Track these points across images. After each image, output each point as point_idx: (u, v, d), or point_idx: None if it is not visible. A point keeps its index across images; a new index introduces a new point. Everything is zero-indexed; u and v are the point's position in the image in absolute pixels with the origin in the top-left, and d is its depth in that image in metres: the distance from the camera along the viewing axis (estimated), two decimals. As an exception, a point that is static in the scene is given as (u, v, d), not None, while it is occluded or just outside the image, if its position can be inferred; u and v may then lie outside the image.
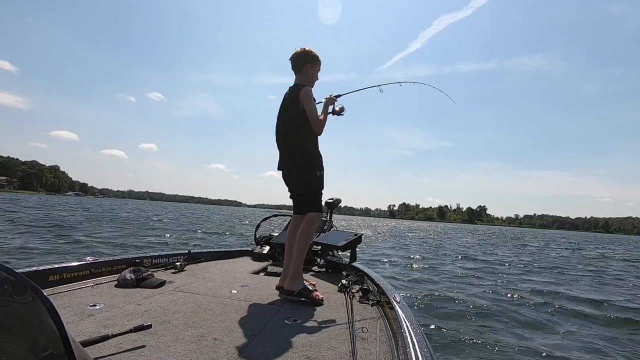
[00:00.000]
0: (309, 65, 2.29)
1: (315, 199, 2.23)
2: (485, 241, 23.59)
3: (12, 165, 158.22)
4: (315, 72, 2.34)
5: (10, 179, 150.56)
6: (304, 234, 2.15)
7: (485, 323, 4.05)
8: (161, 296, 1.98)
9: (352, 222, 49.14)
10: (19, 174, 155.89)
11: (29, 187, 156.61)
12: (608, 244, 36.58)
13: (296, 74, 2.32)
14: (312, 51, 2.30)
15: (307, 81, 2.31)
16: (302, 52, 2.28)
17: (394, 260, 9.45)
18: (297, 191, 2.30)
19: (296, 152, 2.22)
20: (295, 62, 2.30)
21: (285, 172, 2.31)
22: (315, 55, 2.31)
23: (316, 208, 2.21)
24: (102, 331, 1.40)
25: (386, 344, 1.45)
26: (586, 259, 14.70)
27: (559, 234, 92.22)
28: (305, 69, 2.28)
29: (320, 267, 3.19)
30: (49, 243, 7.95)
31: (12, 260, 5.68)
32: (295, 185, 2.29)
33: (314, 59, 2.31)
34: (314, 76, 2.34)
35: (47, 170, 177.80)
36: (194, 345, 1.33)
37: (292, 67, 2.32)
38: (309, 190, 2.22)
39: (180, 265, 2.69)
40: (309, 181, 2.20)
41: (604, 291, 6.86)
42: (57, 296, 1.81)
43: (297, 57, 2.28)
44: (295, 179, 2.27)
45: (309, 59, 2.29)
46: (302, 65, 2.28)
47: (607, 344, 3.68)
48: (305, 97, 2.16)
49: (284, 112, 2.26)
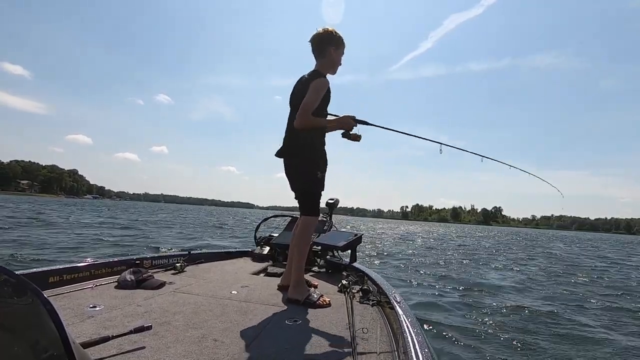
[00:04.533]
0: (332, 47, 2.05)
1: (312, 201, 2.08)
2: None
3: (33, 169, 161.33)
4: (339, 56, 2.10)
5: (32, 182, 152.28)
6: (300, 239, 2.03)
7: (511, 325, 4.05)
8: (161, 297, 1.97)
9: (360, 224, 48.43)
10: (40, 178, 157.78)
11: (49, 191, 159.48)
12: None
13: (317, 58, 2.08)
14: (336, 32, 2.05)
15: (329, 66, 2.08)
16: (325, 32, 2.03)
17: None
18: (294, 189, 2.16)
19: (298, 149, 2.05)
20: (316, 44, 2.05)
21: (285, 166, 2.16)
22: (339, 36, 2.06)
23: (312, 211, 2.07)
24: (102, 332, 1.40)
25: (387, 344, 1.45)
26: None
27: (580, 235, 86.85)
28: (329, 52, 2.04)
29: (321, 267, 3.19)
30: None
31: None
32: (293, 183, 2.15)
33: (338, 41, 2.07)
34: (337, 60, 2.10)
35: (66, 174, 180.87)
36: (195, 347, 1.33)
37: (312, 50, 2.07)
38: (306, 190, 2.09)
39: (180, 266, 2.69)
40: (308, 181, 2.06)
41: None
42: (57, 297, 1.80)
43: (319, 39, 2.04)
44: (294, 177, 2.13)
45: (332, 41, 2.05)
46: (324, 48, 2.04)
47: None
48: (315, 86, 1.92)
49: (293, 95, 2.06)
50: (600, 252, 18.60)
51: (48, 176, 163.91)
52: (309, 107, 1.88)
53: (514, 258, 12.34)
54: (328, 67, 2.08)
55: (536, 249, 16.65)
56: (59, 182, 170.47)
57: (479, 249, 15.45)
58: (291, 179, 2.16)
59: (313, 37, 2.05)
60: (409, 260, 9.54)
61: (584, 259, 14.08)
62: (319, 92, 1.92)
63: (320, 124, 1.98)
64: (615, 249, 22.46)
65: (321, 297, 1.94)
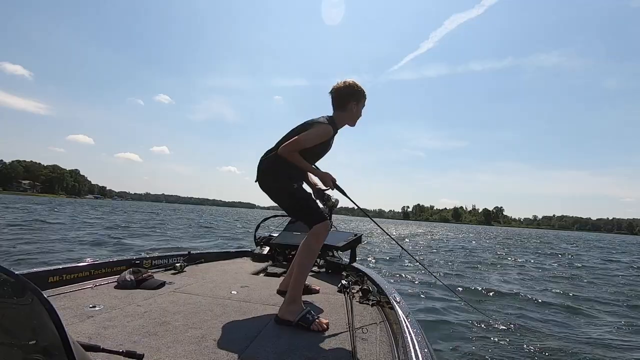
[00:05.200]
0: (354, 103, 1.92)
1: (306, 210, 1.85)
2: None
3: (35, 169, 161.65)
4: (360, 110, 1.97)
5: (34, 182, 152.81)
6: (307, 251, 1.79)
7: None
8: (161, 297, 1.97)
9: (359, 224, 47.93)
10: (41, 178, 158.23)
11: (51, 191, 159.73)
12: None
13: (335, 110, 1.95)
14: (357, 85, 1.93)
15: (348, 119, 1.95)
16: (345, 86, 1.91)
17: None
18: (281, 207, 1.95)
19: (269, 162, 1.88)
20: (336, 98, 1.93)
21: (262, 189, 1.96)
22: (360, 90, 1.93)
23: (314, 219, 1.81)
24: (102, 332, 1.40)
25: (386, 344, 1.45)
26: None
27: (584, 236, 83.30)
28: (350, 107, 1.92)
29: (320, 267, 3.19)
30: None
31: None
32: (280, 203, 1.93)
33: (359, 95, 1.93)
34: (357, 114, 1.97)
35: (67, 174, 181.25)
36: (194, 347, 1.33)
37: (332, 102, 1.95)
38: (292, 204, 1.89)
39: (180, 266, 2.69)
40: (288, 195, 1.88)
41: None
42: (56, 297, 1.81)
43: (339, 93, 1.92)
44: (276, 198, 1.92)
45: (354, 96, 1.92)
46: (345, 102, 1.91)
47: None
48: (319, 129, 1.81)
49: (289, 133, 1.92)
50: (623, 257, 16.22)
51: (50, 176, 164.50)
52: (300, 143, 1.77)
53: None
54: (346, 120, 1.96)
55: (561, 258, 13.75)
56: (60, 182, 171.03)
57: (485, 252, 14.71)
58: (276, 200, 1.95)
59: (333, 90, 1.94)
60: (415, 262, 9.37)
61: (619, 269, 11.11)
62: (318, 137, 1.82)
63: (301, 165, 1.82)
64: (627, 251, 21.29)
65: (317, 319, 1.66)
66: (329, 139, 1.90)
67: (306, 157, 1.84)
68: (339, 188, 1.96)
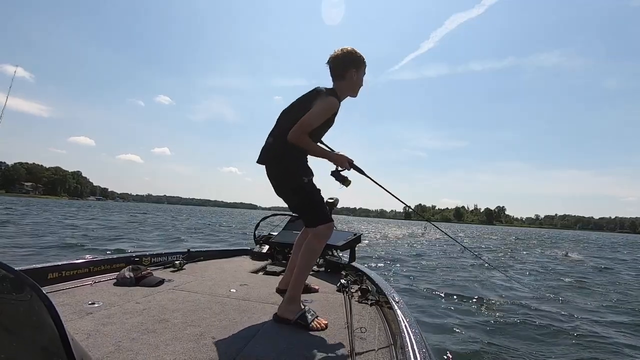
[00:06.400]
0: (354, 70, 1.82)
1: (312, 207, 1.77)
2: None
3: (37, 171, 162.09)
4: (360, 78, 1.86)
5: (36, 184, 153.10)
6: (310, 251, 1.72)
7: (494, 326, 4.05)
8: (160, 295, 1.98)
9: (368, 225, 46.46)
10: (43, 179, 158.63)
11: (53, 193, 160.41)
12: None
13: (335, 80, 1.84)
14: (356, 51, 1.82)
15: (349, 89, 1.85)
16: (344, 53, 1.81)
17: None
18: (286, 198, 1.86)
19: (278, 150, 1.76)
20: (336, 66, 1.82)
21: (267, 174, 1.87)
22: (360, 56, 1.83)
23: (320, 219, 1.74)
24: (101, 329, 1.40)
25: (385, 343, 1.45)
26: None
27: (587, 235, 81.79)
28: (350, 75, 1.81)
29: (320, 266, 3.19)
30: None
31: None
32: (279, 190, 1.85)
33: (359, 61, 1.83)
34: (358, 83, 1.86)
35: (70, 176, 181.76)
36: (193, 344, 1.33)
37: (330, 72, 1.84)
38: (297, 198, 1.79)
39: (179, 264, 2.69)
40: (296, 187, 1.76)
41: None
42: (55, 294, 1.81)
43: (339, 61, 1.81)
44: (280, 185, 1.84)
45: (354, 62, 1.81)
46: (346, 70, 1.80)
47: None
48: (323, 105, 1.69)
49: (292, 104, 1.83)
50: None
51: (52, 178, 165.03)
52: (307, 125, 1.65)
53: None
54: (348, 90, 1.85)
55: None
56: (62, 184, 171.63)
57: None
58: (276, 185, 1.87)
59: (331, 58, 1.83)
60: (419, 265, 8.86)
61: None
62: (325, 113, 1.71)
63: (313, 150, 1.75)
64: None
65: (316, 319, 1.65)
66: (334, 114, 1.78)
67: (313, 134, 1.73)
68: (356, 168, 1.87)
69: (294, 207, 1.87)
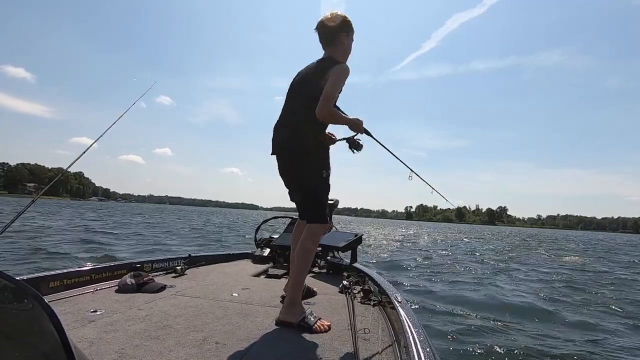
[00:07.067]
0: (344, 33, 1.80)
1: (318, 204, 1.77)
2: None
3: (39, 172, 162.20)
4: (350, 43, 1.86)
5: (39, 185, 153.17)
6: (304, 251, 1.72)
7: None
8: (162, 300, 1.97)
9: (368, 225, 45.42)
10: (46, 180, 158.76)
11: (55, 193, 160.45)
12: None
13: (326, 47, 1.83)
14: (346, 16, 1.81)
15: (341, 55, 1.82)
16: (332, 18, 1.79)
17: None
18: (297, 187, 1.85)
19: (302, 144, 1.73)
20: (326, 32, 1.80)
21: (283, 163, 1.84)
22: (349, 21, 1.82)
23: (319, 217, 1.76)
24: (104, 337, 1.40)
25: (388, 344, 1.45)
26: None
27: (593, 235, 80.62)
28: (340, 40, 1.80)
29: (321, 268, 3.19)
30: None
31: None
32: (292, 179, 1.84)
33: (349, 26, 1.82)
34: (349, 48, 1.85)
35: (72, 176, 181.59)
36: (196, 350, 1.33)
37: (320, 39, 1.83)
38: (310, 190, 1.77)
39: (180, 269, 2.69)
40: (314, 181, 1.75)
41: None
42: (57, 302, 1.80)
43: (328, 26, 1.79)
44: (296, 176, 1.81)
45: (344, 27, 1.80)
46: (336, 35, 1.79)
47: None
48: (338, 73, 1.68)
49: (301, 82, 1.80)
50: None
51: (54, 179, 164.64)
52: (331, 96, 1.65)
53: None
54: (340, 55, 1.82)
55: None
56: (65, 185, 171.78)
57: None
58: (291, 178, 1.85)
59: (320, 25, 1.81)
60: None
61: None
62: (342, 80, 1.70)
63: (338, 119, 1.77)
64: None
65: (319, 321, 1.64)
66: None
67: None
68: (367, 132, 1.91)
69: (298, 200, 1.89)
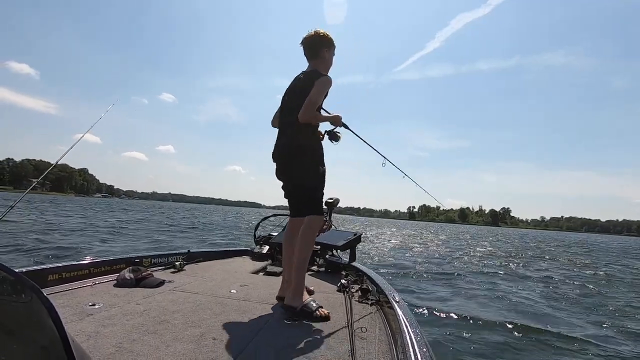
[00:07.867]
0: (325, 49, 2.09)
1: (315, 198, 1.96)
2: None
3: (44, 168, 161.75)
4: (331, 57, 2.13)
5: (43, 181, 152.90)
6: (304, 243, 1.86)
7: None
8: (160, 295, 1.98)
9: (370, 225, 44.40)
10: (50, 176, 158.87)
11: (60, 189, 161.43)
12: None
13: (310, 60, 2.11)
14: (327, 34, 2.09)
15: (323, 67, 2.10)
16: (317, 35, 2.07)
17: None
18: (293, 186, 2.04)
19: (297, 140, 1.95)
20: (309, 46, 2.08)
21: (282, 167, 2.04)
22: (330, 38, 2.10)
23: (317, 210, 1.94)
24: (102, 330, 1.40)
25: (385, 343, 1.46)
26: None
27: (596, 237, 79.08)
28: (322, 54, 2.08)
29: (320, 266, 3.20)
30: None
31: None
32: (291, 179, 2.02)
33: (330, 42, 2.10)
34: (330, 61, 2.13)
35: (76, 173, 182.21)
36: (193, 345, 1.33)
37: (305, 53, 2.10)
38: (308, 186, 1.96)
39: (179, 264, 2.69)
40: (309, 176, 1.95)
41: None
42: (56, 295, 1.81)
43: (312, 42, 2.07)
44: (292, 171, 1.99)
45: (324, 43, 2.08)
46: (318, 50, 2.07)
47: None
48: (321, 82, 1.93)
49: (292, 93, 2.04)
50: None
51: (59, 175, 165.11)
52: (315, 102, 1.90)
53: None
54: (323, 68, 2.09)
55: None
56: (69, 181, 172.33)
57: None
58: (291, 178, 2.03)
59: (305, 40, 2.09)
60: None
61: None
62: (325, 89, 1.97)
63: (321, 119, 2.02)
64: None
65: (320, 308, 1.78)
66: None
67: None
68: (345, 125, 2.15)
69: (295, 198, 2.07)
